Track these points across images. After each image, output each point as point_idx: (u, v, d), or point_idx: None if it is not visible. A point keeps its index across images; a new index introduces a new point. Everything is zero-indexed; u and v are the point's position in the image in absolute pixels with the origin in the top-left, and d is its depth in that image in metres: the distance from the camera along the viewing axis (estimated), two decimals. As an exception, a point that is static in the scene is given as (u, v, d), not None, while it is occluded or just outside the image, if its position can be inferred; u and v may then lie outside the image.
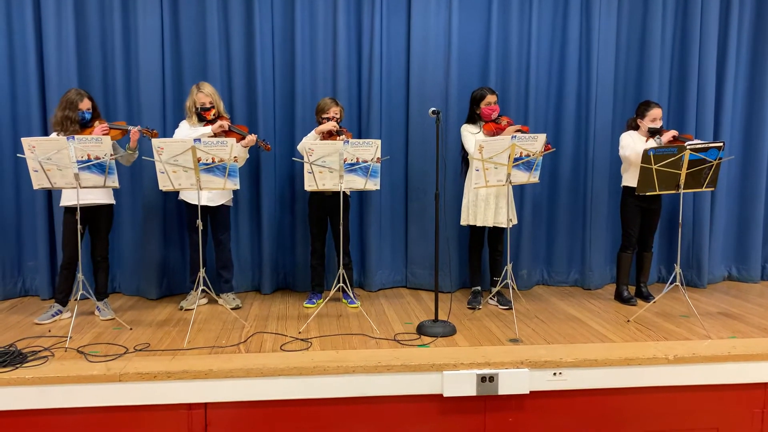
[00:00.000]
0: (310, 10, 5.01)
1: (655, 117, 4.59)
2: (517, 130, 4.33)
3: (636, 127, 4.71)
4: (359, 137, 5.05)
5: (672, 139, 4.46)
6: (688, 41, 5.28)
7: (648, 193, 4.14)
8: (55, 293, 4.35)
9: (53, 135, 4.12)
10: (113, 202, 4.32)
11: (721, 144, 4.02)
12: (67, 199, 4.17)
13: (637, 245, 4.81)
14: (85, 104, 4.15)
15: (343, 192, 4.18)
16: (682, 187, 4.05)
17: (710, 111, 5.30)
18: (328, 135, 4.43)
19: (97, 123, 4.15)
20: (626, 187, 4.73)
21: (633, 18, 5.28)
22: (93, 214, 4.19)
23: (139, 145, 4.24)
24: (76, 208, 3.97)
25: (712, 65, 5.27)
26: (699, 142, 4.28)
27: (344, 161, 4.02)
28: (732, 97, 5.38)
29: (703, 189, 4.15)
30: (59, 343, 3.69)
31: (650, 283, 5.16)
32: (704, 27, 5.24)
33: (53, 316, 4.21)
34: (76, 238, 4.11)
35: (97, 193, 4.11)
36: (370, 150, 4.04)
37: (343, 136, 4.37)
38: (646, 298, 4.78)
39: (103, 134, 3.96)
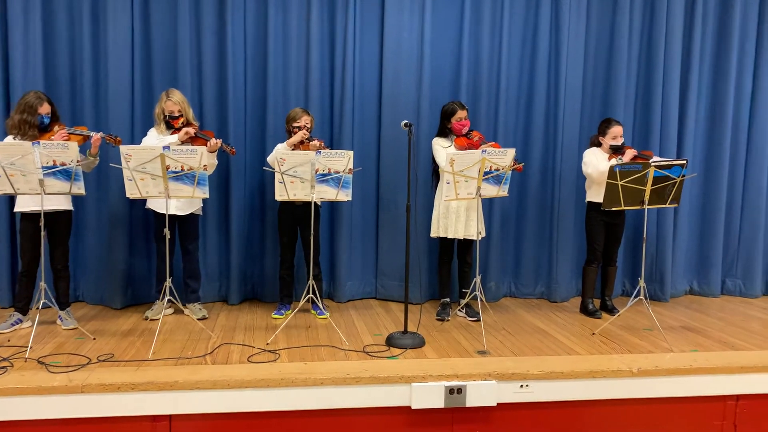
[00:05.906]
0: (284, 18, 5.00)
1: (616, 134, 4.69)
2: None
3: (599, 144, 4.81)
4: (331, 147, 5.04)
5: (633, 157, 4.56)
6: (654, 57, 5.40)
7: (614, 209, 4.22)
8: (15, 301, 4.23)
9: (8, 138, 4.00)
10: (71, 208, 4.19)
11: (685, 162, 4.13)
12: (23, 204, 4.03)
13: (601, 259, 4.89)
14: (45, 108, 4.03)
15: (314, 202, 4.18)
16: (647, 203, 4.14)
17: (674, 127, 5.44)
18: (300, 144, 4.43)
19: (56, 128, 4.03)
20: (590, 203, 4.82)
21: (600, 33, 5.40)
22: (51, 220, 4.03)
23: (104, 152, 4.16)
24: (32, 214, 3.87)
25: (675, 83, 5.41)
26: (663, 159, 4.38)
27: (316, 171, 4.02)
28: (695, 115, 5.50)
29: (667, 205, 4.25)
30: (19, 353, 3.60)
31: (614, 296, 5.25)
32: (668, 45, 5.37)
33: (13, 325, 4.10)
34: (34, 245, 4.02)
35: (54, 198, 3.95)
36: (342, 161, 4.04)
37: (315, 141, 4.37)
38: (611, 311, 4.87)
39: (63, 140, 3.84)
